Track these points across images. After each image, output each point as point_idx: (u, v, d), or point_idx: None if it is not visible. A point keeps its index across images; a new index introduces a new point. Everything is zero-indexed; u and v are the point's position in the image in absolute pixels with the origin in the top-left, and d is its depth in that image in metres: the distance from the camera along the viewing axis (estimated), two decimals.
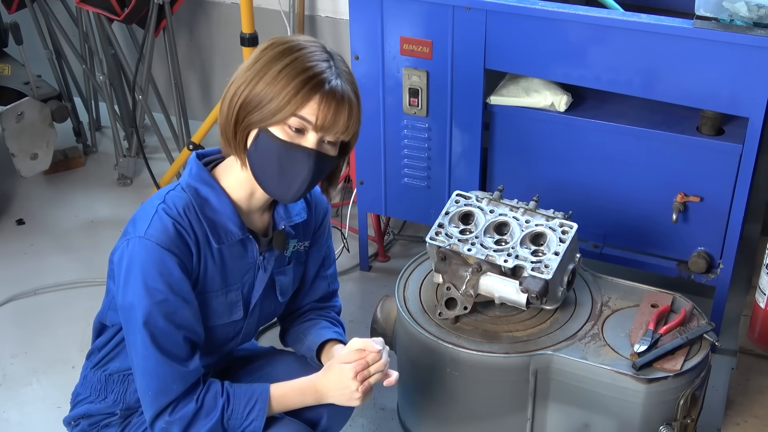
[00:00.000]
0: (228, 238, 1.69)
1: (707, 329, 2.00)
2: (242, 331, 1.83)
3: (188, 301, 1.65)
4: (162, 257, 1.60)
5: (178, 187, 1.69)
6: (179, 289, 1.63)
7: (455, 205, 2.15)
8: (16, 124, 3.19)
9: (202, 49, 3.81)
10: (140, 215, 1.66)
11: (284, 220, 1.78)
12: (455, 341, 2.00)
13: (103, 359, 1.84)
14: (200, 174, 1.69)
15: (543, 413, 2.04)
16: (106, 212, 3.42)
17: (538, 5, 2.34)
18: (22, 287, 2.97)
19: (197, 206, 1.66)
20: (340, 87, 1.59)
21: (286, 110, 1.57)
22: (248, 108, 1.60)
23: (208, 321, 1.74)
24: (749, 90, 2.20)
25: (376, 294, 2.86)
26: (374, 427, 2.42)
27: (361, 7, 2.54)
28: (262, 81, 1.58)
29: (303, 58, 1.59)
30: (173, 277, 1.62)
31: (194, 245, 1.65)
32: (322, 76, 1.58)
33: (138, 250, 1.61)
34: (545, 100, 2.48)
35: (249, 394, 1.72)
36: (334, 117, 1.59)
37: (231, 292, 1.75)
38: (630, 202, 2.51)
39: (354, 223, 3.09)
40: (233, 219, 1.69)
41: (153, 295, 1.60)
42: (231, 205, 1.69)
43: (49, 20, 3.51)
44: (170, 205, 1.64)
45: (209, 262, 1.69)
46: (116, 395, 1.84)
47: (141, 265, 1.60)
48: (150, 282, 1.60)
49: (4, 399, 2.54)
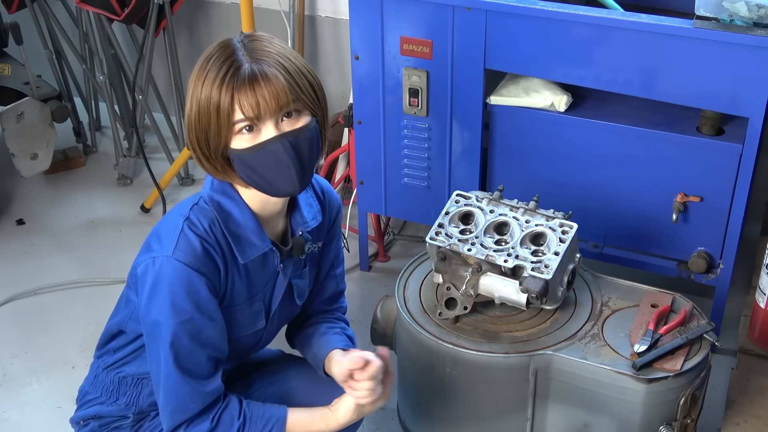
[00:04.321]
0: (252, 252, 1.67)
1: (707, 329, 1.99)
2: (263, 338, 1.84)
3: (214, 319, 1.64)
4: (190, 277, 1.59)
5: (200, 200, 1.66)
6: (206, 308, 1.62)
7: (455, 205, 2.15)
8: (16, 124, 3.19)
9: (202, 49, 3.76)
10: (165, 231, 1.63)
11: (301, 226, 1.77)
12: (455, 341, 2.00)
13: (118, 362, 1.83)
14: (222, 186, 1.67)
15: (543, 413, 2.04)
16: (106, 212, 3.42)
17: (538, 5, 2.34)
18: (22, 287, 2.97)
19: (221, 221, 1.64)
20: (249, 70, 1.53)
21: (223, 123, 1.54)
22: (203, 138, 1.57)
23: (233, 332, 1.73)
24: (749, 90, 2.20)
25: (376, 294, 2.86)
26: (374, 427, 2.42)
27: (361, 7, 2.54)
28: (195, 102, 1.56)
29: (216, 61, 1.56)
30: (200, 297, 1.61)
31: (222, 262, 1.64)
32: (230, 71, 1.53)
33: (165, 270, 1.58)
34: (545, 100, 2.48)
35: (266, 418, 1.71)
36: (260, 100, 1.52)
37: (255, 302, 1.75)
38: (630, 202, 2.51)
39: (354, 223, 3.10)
40: (256, 232, 1.67)
41: (179, 315, 1.59)
42: (253, 217, 1.67)
43: (49, 20, 3.51)
44: (195, 221, 1.62)
45: (236, 277, 1.68)
46: (129, 398, 1.83)
47: (169, 285, 1.58)
48: (177, 302, 1.59)
49: (4, 399, 2.54)
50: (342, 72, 3.50)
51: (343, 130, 3.14)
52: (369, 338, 2.25)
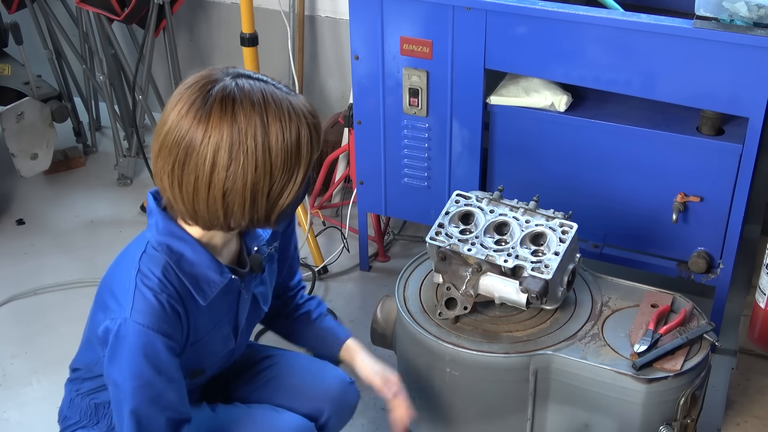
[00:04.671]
0: (212, 290, 1.62)
1: (707, 329, 1.99)
2: (235, 351, 1.82)
3: (174, 380, 1.59)
4: (149, 340, 1.53)
5: (148, 246, 1.58)
6: (165, 370, 1.57)
7: (455, 205, 2.15)
8: (16, 124, 3.19)
9: (202, 49, 3.81)
10: (119, 289, 1.56)
11: (255, 242, 1.73)
12: (455, 341, 2.00)
13: (90, 390, 1.80)
14: (167, 227, 1.58)
15: (543, 413, 2.04)
16: (106, 212, 3.42)
17: (538, 5, 2.34)
18: (22, 287, 2.97)
19: (174, 265, 1.57)
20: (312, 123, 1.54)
21: (304, 166, 1.53)
22: (262, 197, 1.51)
23: (205, 361, 1.72)
24: (749, 90, 2.20)
25: (376, 294, 2.86)
26: (374, 427, 2.42)
27: (361, 7, 2.54)
28: (277, 149, 1.48)
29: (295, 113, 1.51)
30: (160, 360, 1.55)
31: (182, 308, 1.58)
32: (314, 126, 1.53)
33: (123, 333, 1.53)
34: (545, 100, 2.48)
35: None
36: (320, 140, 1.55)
37: (222, 327, 1.72)
38: (630, 202, 2.51)
39: (354, 223, 3.09)
40: (212, 266, 1.60)
41: (138, 379, 1.55)
42: (206, 253, 1.60)
43: (49, 20, 3.51)
44: (147, 273, 1.54)
45: (197, 315, 1.63)
46: (109, 420, 1.80)
47: (128, 348, 1.53)
48: (136, 366, 1.54)
49: (4, 399, 2.54)
50: (342, 72, 3.50)
51: (343, 130, 3.14)
52: (369, 338, 2.25)
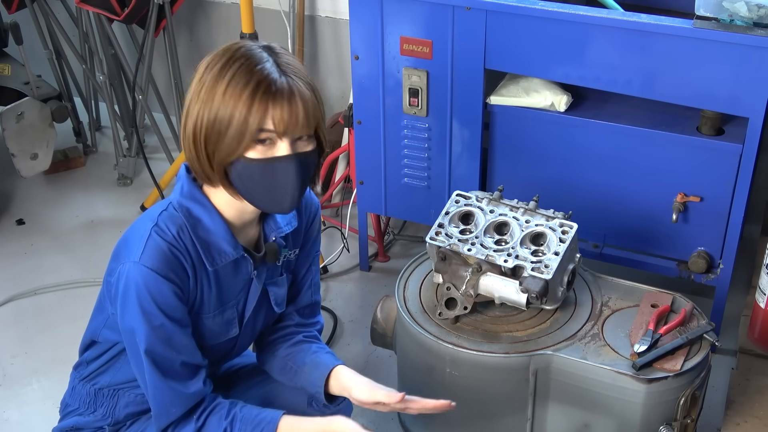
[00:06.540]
0: (222, 259, 1.65)
1: (707, 329, 2.00)
2: (237, 345, 1.82)
3: (184, 326, 1.63)
4: (158, 283, 1.57)
5: (169, 206, 1.63)
6: (175, 315, 1.60)
7: (455, 205, 2.15)
8: (16, 124, 3.19)
9: (202, 49, 3.81)
10: (133, 237, 1.61)
11: (275, 232, 1.75)
12: (455, 341, 2.00)
13: (93, 373, 1.82)
14: (191, 192, 1.64)
15: (543, 413, 2.04)
16: (106, 212, 3.42)
17: (538, 5, 2.34)
18: (22, 287, 2.97)
19: (190, 227, 1.61)
20: (286, 84, 1.52)
21: (249, 132, 1.52)
22: (213, 143, 1.54)
23: (205, 341, 1.72)
24: (749, 90, 2.20)
25: (376, 294, 2.86)
26: (374, 427, 2.42)
27: (361, 7, 2.54)
28: (212, 108, 1.52)
29: (243, 68, 1.52)
30: (169, 304, 1.59)
31: (191, 269, 1.62)
32: (267, 80, 1.51)
33: (133, 276, 1.57)
34: (545, 100, 2.48)
35: (258, 421, 1.68)
36: (290, 117, 1.52)
37: (227, 310, 1.73)
38: (630, 202, 2.51)
39: (354, 223, 3.09)
40: (227, 238, 1.64)
41: (150, 320, 1.58)
42: (224, 224, 1.64)
43: (49, 20, 3.51)
44: (164, 228, 1.59)
45: (205, 285, 1.66)
46: (105, 409, 1.83)
47: (137, 291, 1.57)
48: (146, 307, 1.57)
49: (4, 399, 2.54)
50: (342, 72, 3.50)
51: (343, 130, 3.14)
52: (369, 338, 2.25)
